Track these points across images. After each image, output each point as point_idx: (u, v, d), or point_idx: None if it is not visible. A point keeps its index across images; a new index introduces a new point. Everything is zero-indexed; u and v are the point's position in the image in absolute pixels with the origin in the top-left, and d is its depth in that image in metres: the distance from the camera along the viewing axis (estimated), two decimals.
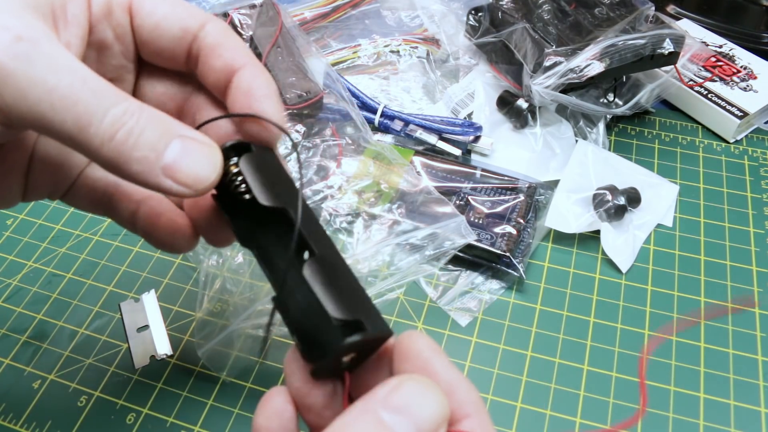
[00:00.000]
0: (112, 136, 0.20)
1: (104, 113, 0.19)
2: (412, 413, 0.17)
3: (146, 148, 0.20)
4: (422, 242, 0.37)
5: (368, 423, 0.17)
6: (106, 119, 0.19)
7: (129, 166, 0.20)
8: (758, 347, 0.36)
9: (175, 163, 0.20)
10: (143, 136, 0.20)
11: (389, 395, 0.18)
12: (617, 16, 0.45)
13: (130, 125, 0.20)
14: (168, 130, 0.21)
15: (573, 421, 0.33)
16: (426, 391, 0.18)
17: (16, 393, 0.34)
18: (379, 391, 0.18)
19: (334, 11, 0.53)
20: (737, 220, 0.42)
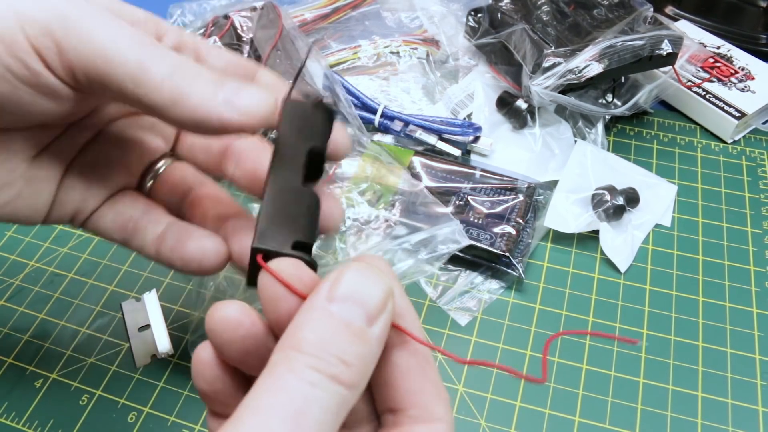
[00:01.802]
0: (172, 73, 0.21)
1: (163, 56, 0.21)
2: (358, 298, 0.18)
3: (204, 83, 0.21)
4: (415, 247, 0.37)
5: (319, 319, 0.17)
6: (165, 61, 0.21)
7: (188, 99, 0.21)
8: (756, 346, 0.36)
9: (234, 95, 0.21)
10: (201, 75, 0.21)
11: (332, 288, 0.18)
12: (616, 18, 0.45)
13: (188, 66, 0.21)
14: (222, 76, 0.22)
15: (572, 420, 0.33)
16: (366, 275, 0.18)
17: (18, 392, 0.34)
18: (322, 287, 0.18)
19: (334, 12, 0.53)
20: (735, 220, 0.42)
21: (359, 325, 0.18)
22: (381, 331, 0.18)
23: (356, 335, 0.18)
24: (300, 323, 0.18)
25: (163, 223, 0.26)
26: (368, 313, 0.18)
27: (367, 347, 0.18)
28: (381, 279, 0.19)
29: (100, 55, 0.20)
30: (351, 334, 0.17)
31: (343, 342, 0.17)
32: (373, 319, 0.18)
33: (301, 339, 0.17)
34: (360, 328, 0.18)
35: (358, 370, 0.17)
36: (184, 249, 0.25)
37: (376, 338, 0.18)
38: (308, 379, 0.17)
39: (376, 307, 0.18)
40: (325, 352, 0.17)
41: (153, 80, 0.20)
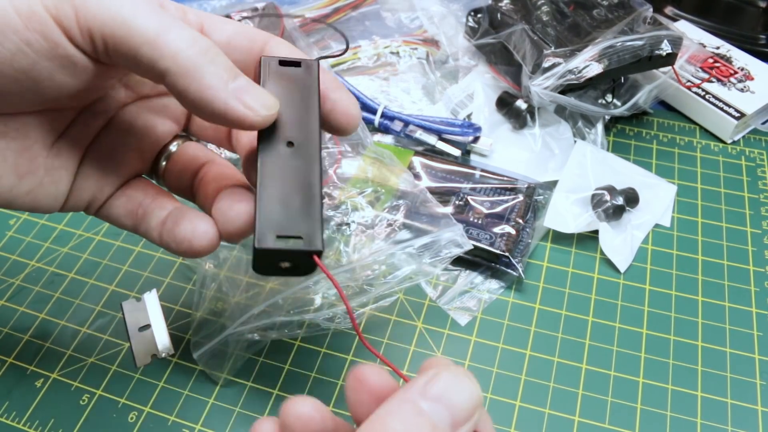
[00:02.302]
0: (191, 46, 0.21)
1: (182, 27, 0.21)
2: (449, 402, 0.18)
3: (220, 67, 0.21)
4: (419, 251, 0.37)
5: (407, 412, 0.18)
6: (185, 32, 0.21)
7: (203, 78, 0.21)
8: (755, 346, 0.36)
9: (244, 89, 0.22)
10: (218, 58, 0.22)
11: (427, 385, 0.18)
12: (615, 18, 0.45)
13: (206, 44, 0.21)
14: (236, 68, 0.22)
15: (572, 419, 0.33)
16: (462, 381, 0.19)
17: (19, 392, 0.34)
18: (417, 381, 0.19)
19: (334, 12, 0.53)
20: (734, 220, 0.42)
21: (444, 428, 0.18)
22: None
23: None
24: (390, 411, 0.18)
25: (169, 207, 0.27)
26: (455, 419, 0.18)
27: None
28: (474, 388, 0.19)
29: (119, 20, 0.21)
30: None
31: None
32: (458, 426, 0.18)
33: (389, 428, 0.18)
34: (444, 431, 0.18)
35: None
36: (177, 230, 0.25)
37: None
38: None
39: (464, 415, 0.19)
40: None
41: (170, 49, 0.21)
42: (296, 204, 0.22)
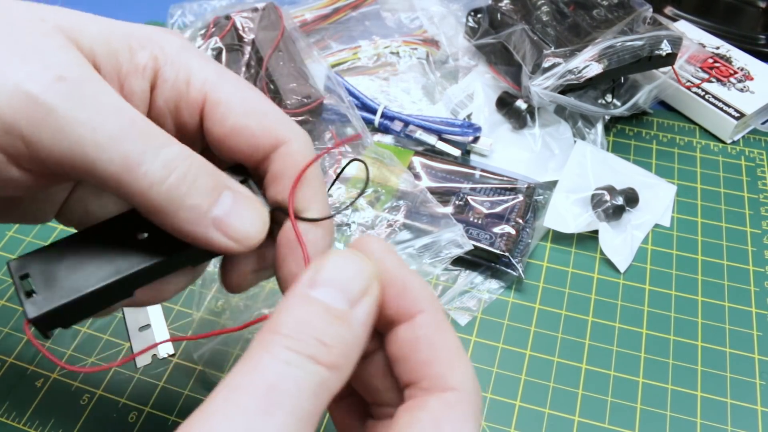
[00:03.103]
0: (164, 179, 0.18)
1: (155, 154, 0.18)
2: (339, 282, 0.18)
3: (199, 196, 0.19)
4: (419, 251, 0.37)
5: (297, 304, 0.18)
6: (159, 160, 0.18)
7: (178, 213, 0.19)
8: (755, 346, 0.36)
9: (227, 217, 0.20)
10: (197, 183, 0.19)
11: (314, 275, 0.18)
12: (615, 18, 0.45)
13: (182, 170, 0.19)
14: (219, 181, 0.20)
15: (571, 419, 0.33)
16: (348, 260, 0.18)
17: (19, 391, 0.34)
18: (305, 275, 0.18)
19: (334, 13, 0.53)
20: (734, 220, 0.42)
21: (340, 308, 0.18)
22: (364, 313, 0.18)
23: (336, 318, 0.18)
24: (280, 309, 0.18)
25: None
26: (350, 297, 0.18)
27: (349, 330, 0.18)
28: (363, 263, 0.19)
29: (78, 154, 0.18)
30: (331, 317, 0.17)
31: (322, 324, 0.17)
32: (356, 302, 0.18)
33: (279, 323, 0.17)
34: (341, 311, 0.18)
35: (339, 352, 0.17)
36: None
37: (359, 321, 0.18)
38: (283, 358, 0.16)
39: (358, 291, 0.18)
40: (303, 334, 0.17)
41: (140, 186, 0.18)
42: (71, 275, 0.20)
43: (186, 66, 0.21)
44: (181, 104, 0.21)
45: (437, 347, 0.19)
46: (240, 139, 0.21)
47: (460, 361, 0.20)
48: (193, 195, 0.19)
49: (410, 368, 0.19)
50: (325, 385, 0.17)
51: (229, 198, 0.20)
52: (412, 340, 0.19)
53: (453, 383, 0.19)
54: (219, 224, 0.20)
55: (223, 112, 0.21)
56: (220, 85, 0.21)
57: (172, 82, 0.21)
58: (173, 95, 0.21)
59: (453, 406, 0.19)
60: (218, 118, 0.21)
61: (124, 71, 0.20)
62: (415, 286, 0.20)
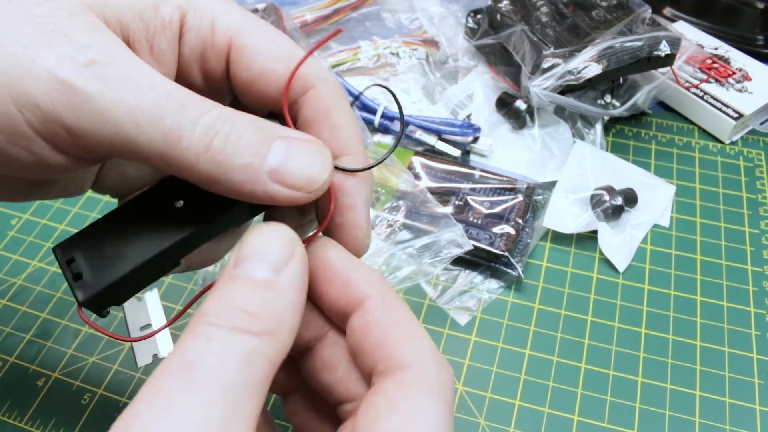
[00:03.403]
0: (207, 145, 0.18)
1: (195, 123, 0.18)
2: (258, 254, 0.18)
3: (247, 153, 0.18)
4: (419, 251, 0.37)
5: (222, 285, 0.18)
6: (198, 128, 0.18)
7: (231, 176, 0.18)
8: (753, 345, 0.36)
9: (283, 166, 0.18)
10: (242, 141, 0.18)
11: (237, 255, 0.18)
12: (614, 19, 0.45)
13: (225, 131, 0.18)
14: (269, 132, 0.19)
15: (571, 418, 0.33)
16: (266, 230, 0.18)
17: (20, 390, 0.34)
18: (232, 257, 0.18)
19: (334, 13, 0.53)
20: (733, 220, 0.43)
21: (263, 276, 0.18)
22: (292, 277, 0.18)
23: (260, 286, 0.17)
24: (210, 295, 0.18)
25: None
26: (272, 264, 0.18)
27: (276, 295, 0.18)
28: (282, 231, 0.18)
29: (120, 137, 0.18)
30: (254, 287, 0.17)
31: (245, 295, 0.17)
32: (281, 269, 0.18)
33: (203, 306, 0.17)
34: (264, 279, 0.18)
35: (268, 317, 0.17)
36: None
37: (287, 285, 0.18)
38: (203, 335, 0.16)
39: (282, 258, 0.18)
40: (224, 308, 0.17)
41: (185, 159, 0.18)
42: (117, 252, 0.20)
43: (210, 11, 0.21)
44: (207, 51, 0.21)
45: (386, 328, 0.19)
46: (268, 83, 0.21)
47: (413, 337, 0.19)
48: (241, 153, 0.18)
49: (366, 356, 0.19)
50: (257, 352, 0.17)
51: (282, 146, 0.19)
52: (362, 327, 0.19)
53: (407, 361, 0.18)
54: (276, 176, 0.18)
55: (250, 56, 0.21)
56: (245, 29, 0.21)
57: (196, 29, 0.21)
58: (198, 43, 0.21)
59: (407, 383, 0.18)
60: (245, 63, 0.21)
61: (152, 30, 0.20)
62: (359, 274, 0.20)
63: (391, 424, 0.17)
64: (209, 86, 0.22)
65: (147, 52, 0.20)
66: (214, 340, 0.16)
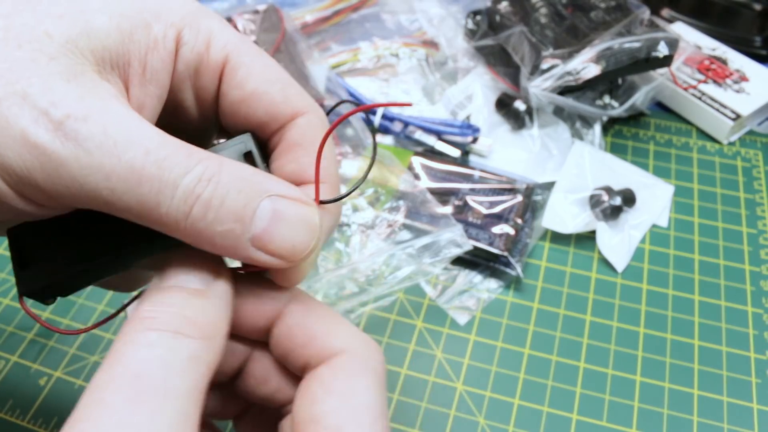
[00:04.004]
0: (187, 212, 0.17)
1: (174, 187, 0.17)
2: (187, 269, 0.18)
3: (229, 219, 0.17)
4: (419, 251, 0.37)
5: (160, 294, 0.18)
6: (177, 194, 0.17)
7: (212, 242, 0.18)
8: (750, 344, 0.36)
9: (266, 233, 0.18)
10: (224, 206, 0.17)
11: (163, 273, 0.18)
12: (613, 20, 0.46)
13: (206, 196, 0.17)
14: (255, 190, 0.18)
15: (569, 417, 0.34)
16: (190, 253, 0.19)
17: (22, 390, 0.34)
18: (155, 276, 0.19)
19: (335, 15, 0.54)
20: (730, 220, 0.43)
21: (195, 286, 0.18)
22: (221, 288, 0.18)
23: (193, 294, 0.18)
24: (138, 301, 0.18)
25: None
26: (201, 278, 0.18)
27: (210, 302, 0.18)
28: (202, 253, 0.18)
29: (97, 201, 0.17)
30: (187, 294, 0.18)
31: (181, 301, 0.17)
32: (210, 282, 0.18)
33: (138, 310, 0.17)
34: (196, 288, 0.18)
35: (205, 323, 0.17)
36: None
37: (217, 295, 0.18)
38: (145, 341, 0.16)
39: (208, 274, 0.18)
40: (163, 312, 0.17)
41: (165, 224, 0.17)
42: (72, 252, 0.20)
43: (207, 28, 0.20)
44: (201, 67, 0.20)
45: (311, 326, 0.19)
46: (259, 104, 0.20)
47: (337, 326, 0.19)
48: (222, 220, 0.17)
49: (296, 357, 0.19)
50: (197, 358, 0.17)
51: (268, 209, 0.18)
52: (287, 333, 0.20)
53: (337, 348, 0.19)
54: (259, 243, 0.18)
55: (244, 76, 0.20)
56: (242, 49, 0.21)
57: (192, 44, 0.20)
58: (193, 58, 0.20)
59: (340, 366, 0.18)
60: (238, 81, 0.20)
61: (144, 50, 0.19)
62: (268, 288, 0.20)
63: (328, 405, 0.18)
64: (199, 103, 0.21)
65: (139, 73, 0.19)
66: (157, 346, 0.16)
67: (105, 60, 0.18)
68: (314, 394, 0.18)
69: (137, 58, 0.19)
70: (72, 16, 0.18)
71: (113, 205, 0.17)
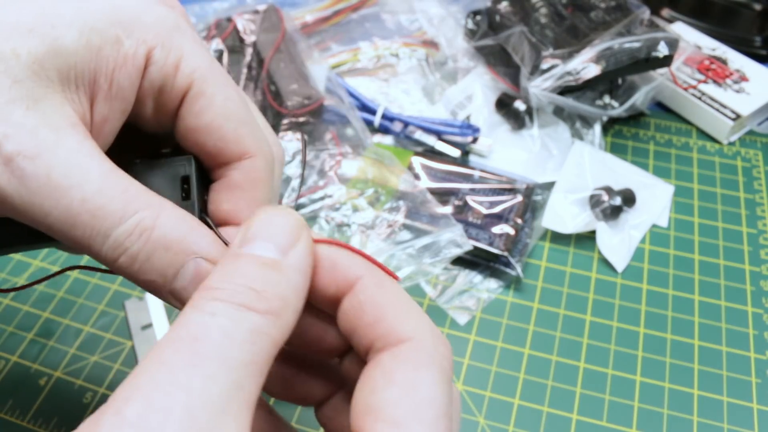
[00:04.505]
0: (116, 258, 0.19)
1: (105, 236, 0.18)
2: (266, 235, 0.18)
3: (153, 273, 0.19)
4: (419, 252, 0.37)
5: (227, 264, 0.18)
6: (107, 244, 0.18)
7: (143, 276, 0.19)
8: (750, 344, 0.36)
9: (185, 290, 0.19)
10: (150, 261, 0.19)
11: (243, 236, 0.18)
12: (613, 20, 0.46)
13: (133, 251, 0.19)
14: (182, 250, 0.19)
15: (570, 417, 0.34)
16: (274, 213, 0.18)
17: (23, 390, 0.34)
18: (236, 237, 0.18)
19: (335, 15, 0.53)
20: (730, 220, 0.43)
21: (270, 256, 0.18)
22: (298, 258, 0.18)
23: (267, 265, 0.17)
24: (214, 271, 0.18)
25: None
26: (279, 245, 0.18)
27: (283, 276, 0.17)
28: (289, 213, 0.18)
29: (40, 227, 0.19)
30: (260, 265, 0.17)
31: (252, 272, 0.17)
32: (287, 250, 0.18)
33: (208, 279, 0.17)
34: (271, 259, 0.18)
35: (274, 297, 0.17)
36: None
37: (294, 267, 0.18)
38: (208, 310, 0.16)
39: (288, 239, 0.18)
40: (230, 283, 0.17)
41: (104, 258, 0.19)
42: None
43: (178, 49, 0.21)
44: (165, 88, 0.21)
45: (381, 305, 0.19)
46: (209, 137, 0.21)
47: (409, 312, 0.19)
48: (146, 272, 0.19)
49: (362, 335, 0.19)
50: (261, 331, 0.16)
51: (191, 270, 0.19)
52: (356, 308, 0.19)
53: (404, 335, 0.18)
54: (179, 296, 0.19)
55: (203, 106, 0.21)
56: (208, 77, 0.21)
57: (161, 65, 0.20)
58: (159, 77, 0.21)
59: (404, 355, 0.18)
60: (196, 111, 0.21)
61: (111, 66, 0.20)
62: (345, 257, 0.20)
63: (389, 395, 0.17)
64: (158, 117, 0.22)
65: (105, 89, 0.20)
66: (219, 315, 0.16)
67: (71, 78, 0.19)
68: (375, 382, 0.17)
69: (104, 75, 0.20)
70: (41, 31, 0.19)
71: (53, 234, 0.19)
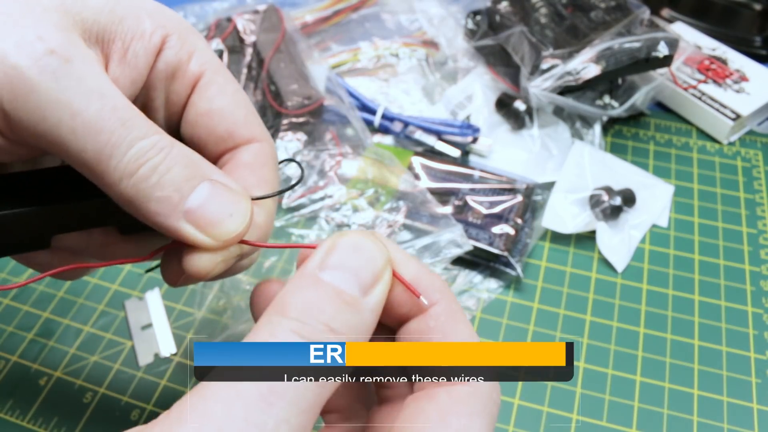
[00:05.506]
0: (134, 171, 0.18)
1: (129, 146, 0.18)
2: (352, 266, 0.17)
3: (170, 187, 0.18)
4: (419, 252, 0.37)
5: (308, 286, 0.17)
6: (131, 152, 0.18)
7: (147, 205, 0.18)
8: (750, 344, 0.36)
9: (200, 209, 0.19)
10: (169, 175, 0.18)
11: (325, 257, 0.18)
12: (613, 20, 0.46)
13: (155, 161, 0.18)
14: (198, 172, 0.19)
15: (569, 417, 0.34)
16: (363, 243, 0.18)
17: (23, 390, 0.34)
18: (315, 254, 0.18)
19: (335, 15, 0.54)
20: (730, 220, 0.43)
21: (351, 293, 0.17)
22: (376, 301, 0.18)
23: (347, 304, 0.17)
24: (288, 290, 0.17)
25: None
26: (362, 283, 0.17)
27: (359, 317, 0.17)
28: (378, 248, 0.18)
29: (55, 136, 0.18)
30: (341, 302, 0.17)
31: (332, 309, 0.17)
32: (368, 289, 0.17)
33: (287, 304, 0.17)
34: (352, 297, 0.17)
35: (348, 335, 0.17)
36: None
37: (371, 309, 0.17)
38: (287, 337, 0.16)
39: (372, 277, 0.18)
40: (311, 318, 0.16)
41: (109, 177, 0.18)
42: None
43: (192, 43, 0.21)
44: (178, 72, 0.21)
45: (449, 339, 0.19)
46: (222, 121, 0.21)
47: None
48: (163, 186, 0.18)
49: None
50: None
51: (207, 189, 0.19)
52: (423, 332, 0.19)
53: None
54: (192, 216, 0.19)
55: (215, 92, 0.21)
56: (219, 70, 0.22)
57: (176, 50, 0.21)
58: (174, 61, 0.21)
59: (463, 400, 0.18)
60: (208, 95, 0.21)
61: (130, 35, 0.20)
62: (426, 279, 0.19)
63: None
64: (167, 106, 0.22)
65: (120, 53, 0.20)
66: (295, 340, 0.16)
67: (91, 32, 0.19)
68: (428, 420, 0.17)
69: (122, 41, 0.20)
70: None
71: (68, 146, 0.18)
